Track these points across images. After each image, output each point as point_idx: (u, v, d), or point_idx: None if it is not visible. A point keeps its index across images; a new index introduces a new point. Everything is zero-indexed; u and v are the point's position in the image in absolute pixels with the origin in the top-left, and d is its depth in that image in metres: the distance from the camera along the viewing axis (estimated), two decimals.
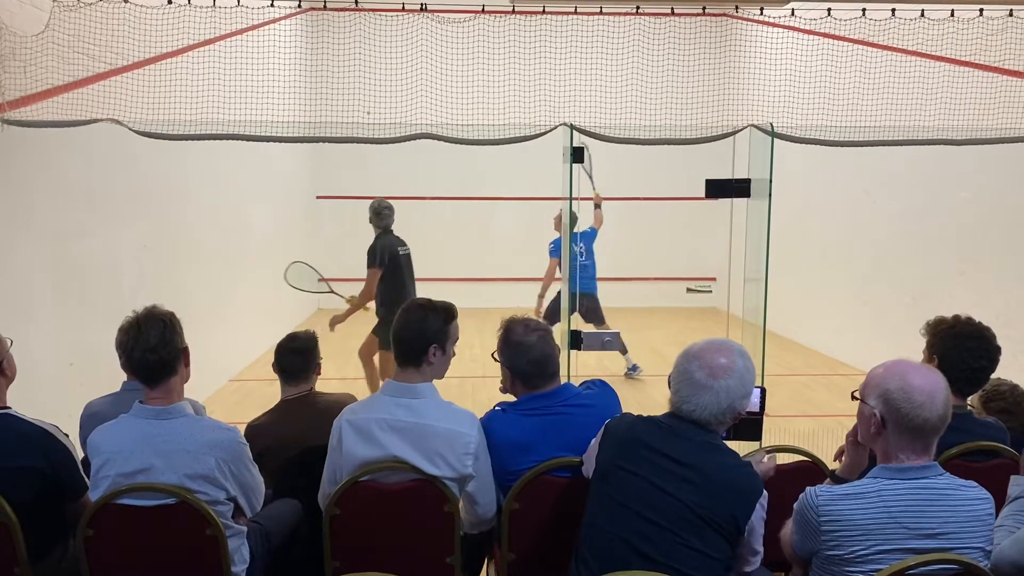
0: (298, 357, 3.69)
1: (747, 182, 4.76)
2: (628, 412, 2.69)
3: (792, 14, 5.68)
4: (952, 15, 5.29)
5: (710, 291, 12.10)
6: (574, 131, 4.67)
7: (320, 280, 6.28)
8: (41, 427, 2.82)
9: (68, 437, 2.90)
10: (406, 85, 6.02)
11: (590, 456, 2.68)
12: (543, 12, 5.62)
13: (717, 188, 4.79)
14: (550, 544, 2.91)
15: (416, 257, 6.58)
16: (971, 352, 3.07)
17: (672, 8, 5.40)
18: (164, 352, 2.74)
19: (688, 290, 11.81)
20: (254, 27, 5.56)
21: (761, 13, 5.69)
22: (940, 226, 7.88)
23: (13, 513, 2.68)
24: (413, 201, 12.54)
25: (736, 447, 2.68)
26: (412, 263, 6.65)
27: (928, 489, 2.21)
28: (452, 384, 7.63)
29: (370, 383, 6.70)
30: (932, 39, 5.42)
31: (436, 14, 5.51)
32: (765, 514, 2.39)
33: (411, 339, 2.92)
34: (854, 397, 2.40)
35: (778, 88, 6.05)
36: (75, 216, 5.45)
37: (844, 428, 2.65)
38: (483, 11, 5.45)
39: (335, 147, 10.66)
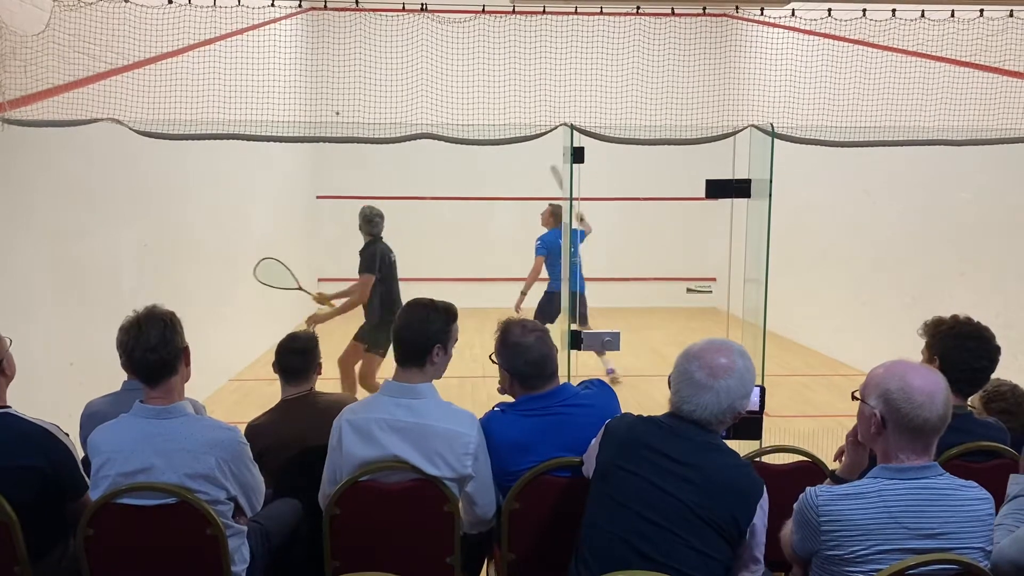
0: (299, 357, 3.70)
1: (747, 182, 4.77)
2: (628, 412, 2.68)
3: (792, 14, 5.68)
4: (952, 15, 5.30)
5: (710, 291, 12.10)
6: (574, 131, 4.67)
7: (292, 278, 6.28)
8: (41, 426, 2.83)
9: (68, 436, 2.90)
10: (406, 85, 6.02)
11: (590, 456, 2.68)
12: (543, 12, 5.62)
13: (717, 188, 4.80)
14: (550, 544, 2.91)
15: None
16: (972, 352, 3.08)
17: (672, 8, 5.40)
18: (164, 351, 2.74)
19: (688, 290, 11.81)
20: (254, 27, 5.56)
21: (761, 13, 5.69)
22: (940, 226, 7.88)
23: (13, 512, 2.68)
24: (413, 201, 12.55)
25: (736, 446, 2.68)
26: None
27: (928, 489, 2.21)
28: (452, 384, 7.63)
29: (346, 389, 6.62)
30: (932, 39, 5.42)
31: (436, 14, 5.51)
32: (767, 518, 2.38)
33: (415, 339, 2.92)
34: (854, 397, 2.40)
35: (778, 88, 6.05)
36: (75, 216, 5.45)
37: (844, 428, 2.65)
38: (483, 11, 5.45)
39: (335, 147, 10.66)
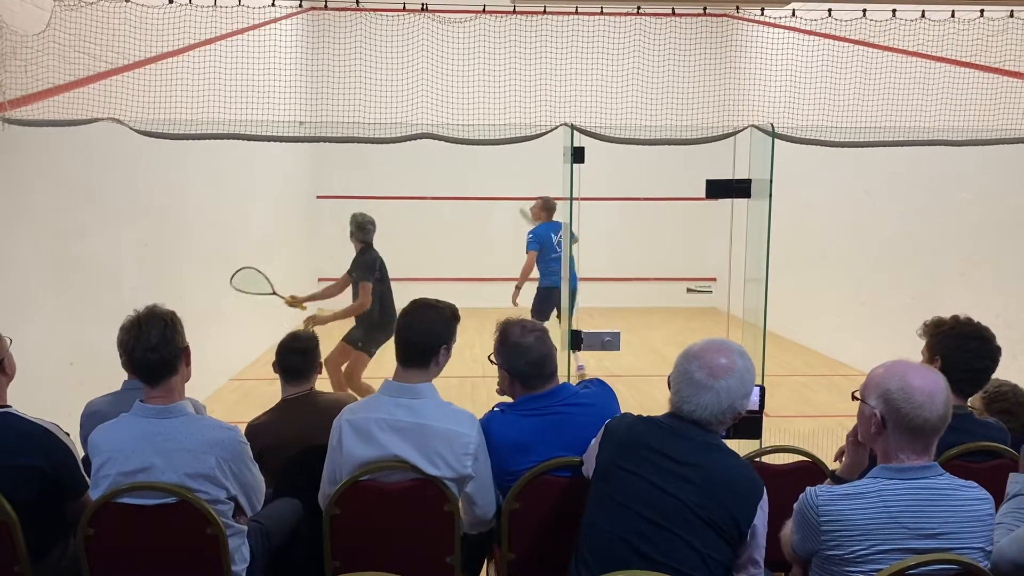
0: (300, 357, 3.70)
1: (747, 182, 4.77)
2: (628, 412, 2.69)
3: (793, 15, 5.68)
4: (952, 16, 5.30)
5: (710, 291, 12.10)
6: (574, 131, 4.67)
7: (267, 283, 6.24)
8: (42, 426, 2.82)
9: (69, 436, 2.90)
10: (407, 85, 6.02)
11: (590, 456, 2.68)
12: (544, 12, 5.62)
13: (718, 188, 4.81)
14: (550, 544, 2.91)
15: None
16: (974, 353, 3.08)
17: (673, 8, 5.40)
18: (165, 351, 2.75)
19: (688, 290, 11.81)
20: (255, 27, 5.56)
21: (762, 14, 5.69)
22: (940, 227, 7.88)
23: (13, 512, 2.68)
24: (413, 201, 12.55)
25: (736, 446, 2.68)
26: None
27: (928, 489, 2.21)
28: (452, 384, 7.63)
29: (335, 389, 6.65)
30: (932, 40, 5.42)
31: (437, 14, 5.51)
32: (766, 520, 2.38)
33: (423, 340, 2.92)
34: (854, 397, 2.40)
35: (779, 89, 6.04)
36: (75, 215, 5.45)
37: (844, 428, 2.65)
38: (484, 11, 5.45)
39: (335, 147, 10.65)
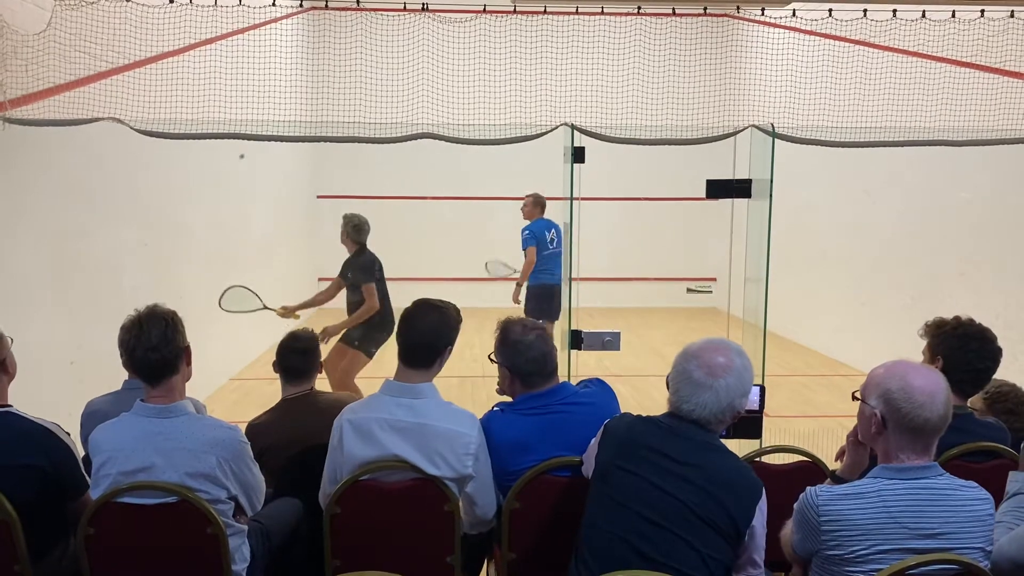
0: (301, 357, 3.70)
1: (748, 182, 4.77)
2: (627, 412, 2.69)
3: (793, 15, 5.68)
4: (953, 16, 5.30)
5: (710, 291, 12.10)
6: (575, 131, 4.67)
7: (256, 299, 6.13)
8: (42, 425, 2.82)
9: (69, 435, 2.90)
10: (407, 85, 6.02)
11: (590, 456, 2.68)
12: (544, 12, 5.62)
13: (718, 188, 4.81)
14: (550, 544, 2.91)
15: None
16: (976, 353, 3.09)
17: (673, 8, 5.40)
18: (166, 351, 2.74)
19: (688, 290, 11.81)
20: (255, 26, 5.56)
21: (762, 14, 5.69)
22: (940, 227, 7.88)
23: (14, 511, 2.67)
24: (413, 201, 12.56)
25: (736, 445, 2.68)
26: None
27: (928, 489, 2.22)
28: (452, 384, 7.64)
29: (336, 390, 6.61)
30: (933, 40, 5.42)
31: (437, 14, 5.51)
32: (765, 521, 2.38)
33: (430, 340, 2.93)
34: (855, 397, 2.40)
35: (779, 89, 6.05)
36: (76, 215, 5.45)
37: (844, 429, 2.65)
38: (484, 11, 5.45)
39: (336, 147, 10.65)
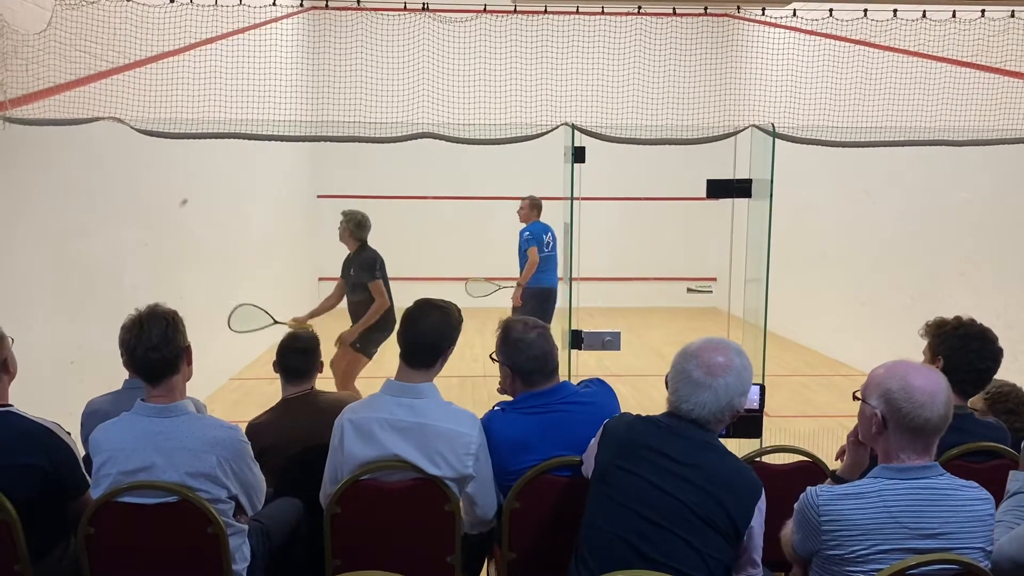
0: (301, 357, 3.70)
1: (748, 182, 4.78)
2: (627, 412, 2.69)
3: (794, 14, 5.68)
4: (954, 16, 5.30)
5: (711, 291, 12.11)
6: (575, 131, 4.68)
7: (264, 315, 6.03)
8: (43, 425, 2.82)
9: (70, 435, 2.90)
10: (407, 84, 6.02)
11: (589, 456, 2.68)
12: (545, 12, 5.62)
13: (718, 188, 4.81)
14: (550, 543, 2.91)
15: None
16: (977, 353, 3.09)
17: (674, 8, 5.40)
18: (166, 350, 2.74)
19: (689, 290, 11.81)
20: (256, 26, 5.57)
21: (763, 13, 5.69)
22: (940, 226, 7.88)
23: (14, 511, 2.67)
24: (413, 201, 12.56)
25: (736, 445, 2.68)
26: None
27: (929, 489, 2.22)
28: (452, 384, 7.64)
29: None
30: (933, 40, 5.42)
31: (438, 13, 5.51)
32: (763, 520, 2.38)
33: (434, 341, 2.94)
34: (855, 397, 2.40)
35: (779, 88, 6.05)
36: (76, 214, 5.45)
37: (844, 429, 2.65)
38: (485, 10, 5.45)
39: (336, 146, 10.64)
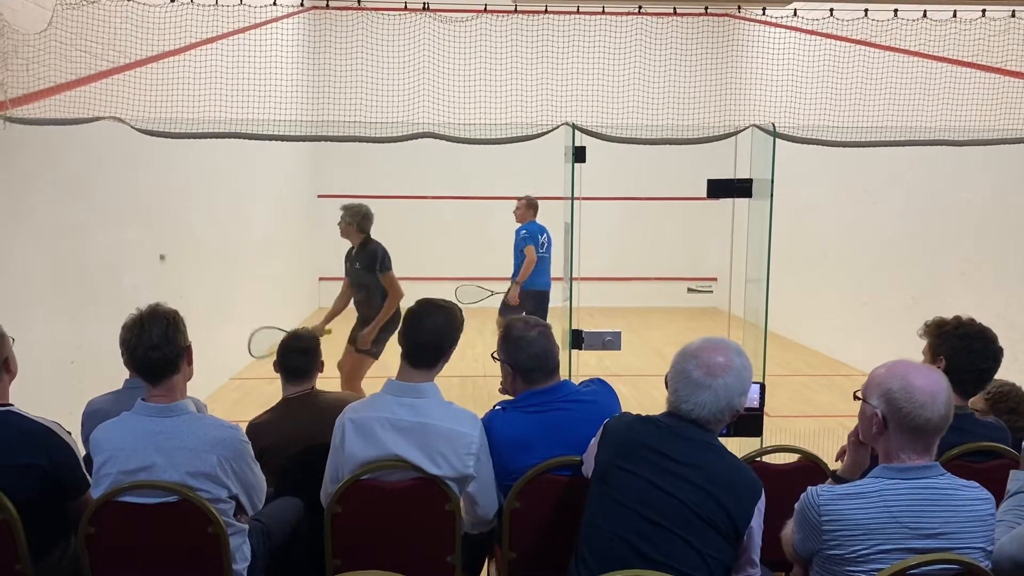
0: (302, 356, 3.69)
1: (749, 182, 4.77)
2: (627, 411, 2.69)
3: (794, 14, 5.68)
4: (954, 16, 5.29)
5: (711, 291, 12.11)
6: (576, 130, 4.67)
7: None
8: (43, 424, 2.82)
9: (70, 435, 2.90)
10: (408, 84, 6.02)
11: (589, 456, 2.68)
12: (545, 12, 5.62)
13: (719, 188, 4.81)
14: (551, 543, 2.91)
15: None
16: (979, 353, 3.10)
17: (674, 8, 5.40)
18: (167, 350, 2.74)
19: (689, 290, 11.80)
20: (256, 25, 5.57)
21: (763, 13, 5.69)
22: (941, 226, 7.88)
23: (15, 510, 2.67)
24: (413, 201, 12.56)
25: (737, 444, 2.68)
26: None
27: (929, 489, 2.21)
28: (453, 384, 7.64)
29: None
30: (934, 40, 5.42)
31: (438, 13, 5.51)
32: (762, 520, 2.39)
33: (437, 341, 2.95)
34: (856, 397, 2.40)
35: (780, 88, 6.05)
36: (77, 214, 5.45)
37: (845, 429, 2.65)
38: (485, 10, 5.45)
39: (336, 146, 10.64)
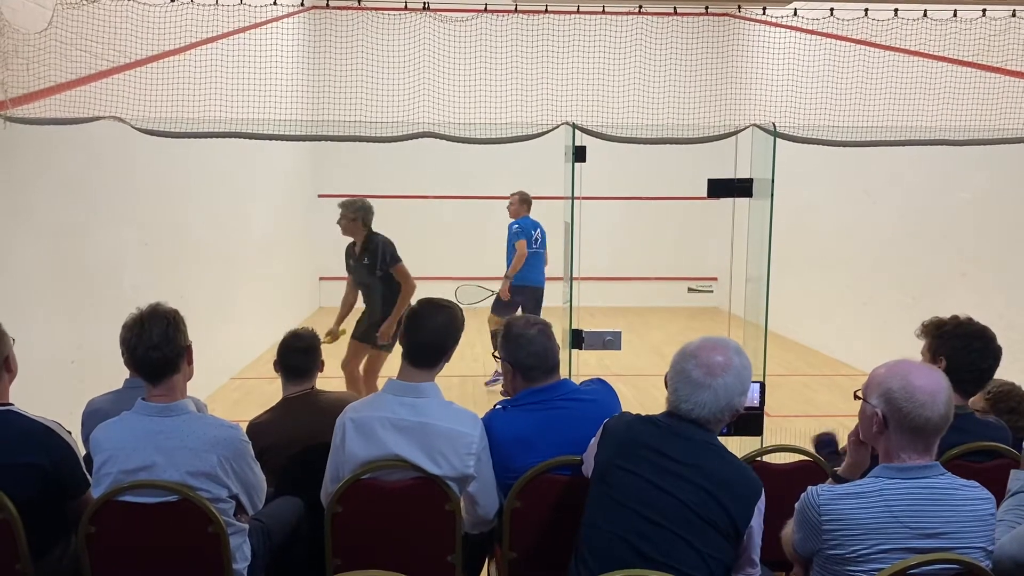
0: (302, 356, 3.69)
1: (749, 182, 4.77)
2: (627, 411, 2.69)
3: (795, 14, 5.68)
4: (955, 15, 5.29)
5: (711, 291, 12.10)
6: (576, 130, 4.67)
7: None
8: (43, 424, 2.82)
9: (70, 434, 2.90)
10: (408, 84, 6.02)
11: (589, 456, 2.68)
12: (545, 11, 5.61)
13: (719, 188, 4.81)
14: (551, 543, 2.91)
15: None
16: (979, 353, 3.10)
17: (675, 7, 5.39)
18: (167, 349, 2.74)
19: (689, 290, 11.79)
20: (257, 25, 5.57)
21: (764, 13, 5.69)
22: (941, 226, 7.88)
23: (15, 510, 2.67)
24: (413, 200, 12.55)
25: (737, 443, 2.68)
26: None
27: (930, 489, 2.21)
28: (453, 383, 7.63)
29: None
30: (934, 39, 5.42)
31: (439, 13, 5.51)
32: (763, 521, 2.38)
33: (438, 341, 2.95)
34: (856, 396, 2.40)
35: (780, 88, 6.04)
36: (76, 214, 5.45)
37: (845, 428, 2.65)
38: (486, 10, 5.45)
39: (337, 145, 10.65)
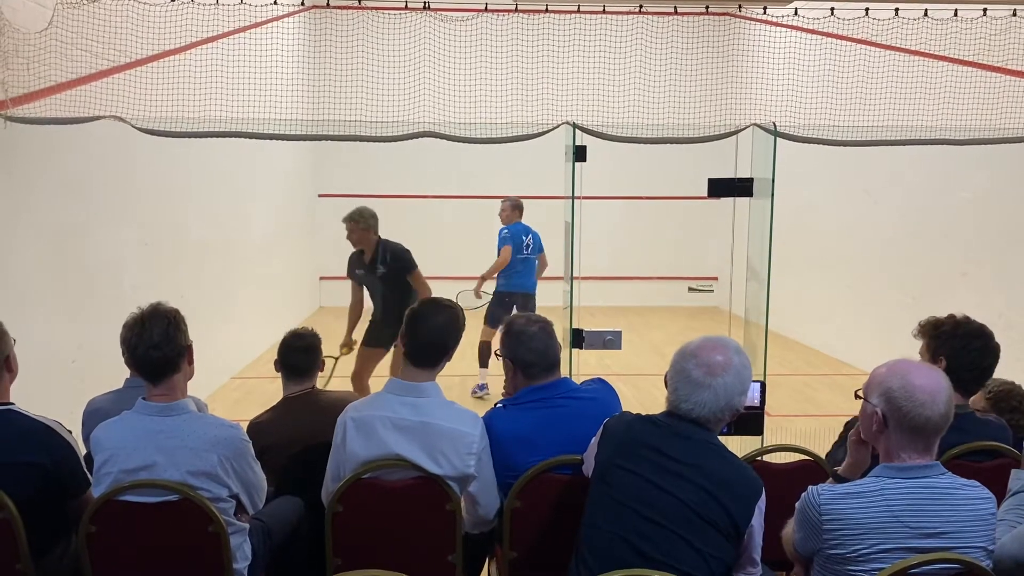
0: (303, 355, 3.69)
1: (750, 181, 4.77)
2: (627, 411, 2.69)
3: (795, 13, 5.68)
4: (955, 15, 5.29)
5: (711, 290, 12.11)
6: (576, 129, 4.67)
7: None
8: (44, 423, 2.83)
9: (71, 433, 2.90)
10: (409, 83, 6.01)
11: (589, 455, 2.68)
12: (546, 11, 5.61)
13: (720, 187, 4.81)
14: (551, 542, 2.91)
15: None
16: (979, 351, 3.11)
17: (675, 7, 5.39)
18: (168, 349, 2.74)
19: (690, 289, 11.80)
20: (257, 24, 5.57)
21: (764, 12, 5.69)
22: (942, 226, 7.87)
23: (15, 509, 2.68)
24: (414, 200, 12.55)
25: (737, 443, 2.68)
26: None
27: (930, 488, 2.21)
28: (453, 383, 7.63)
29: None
30: (935, 39, 5.42)
31: (439, 12, 5.51)
32: (763, 519, 2.39)
33: (440, 340, 2.96)
34: (857, 396, 2.40)
35: (781, 87, 6.04)
36: (77, 213, 5.45)
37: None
38: (486, 9, 5.45)
39: (337, 145, 10.66)
